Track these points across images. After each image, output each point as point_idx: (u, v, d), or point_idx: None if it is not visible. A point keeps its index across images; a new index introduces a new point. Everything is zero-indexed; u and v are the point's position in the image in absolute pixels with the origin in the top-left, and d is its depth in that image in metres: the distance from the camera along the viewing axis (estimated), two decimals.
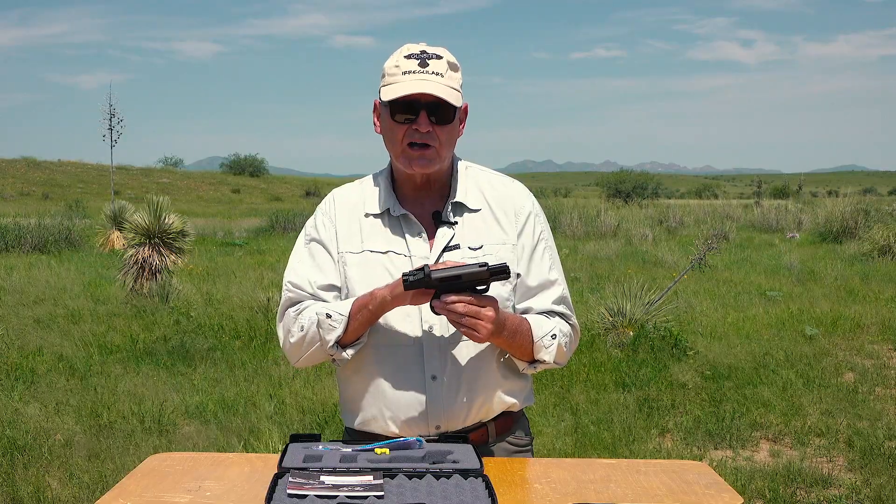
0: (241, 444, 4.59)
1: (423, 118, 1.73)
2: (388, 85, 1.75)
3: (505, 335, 1.74)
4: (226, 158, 66.12)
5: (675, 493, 1.59)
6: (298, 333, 1.80)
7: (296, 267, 1.88)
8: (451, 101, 1.72)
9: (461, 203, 1.85)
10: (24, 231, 15.14)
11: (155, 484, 1.63)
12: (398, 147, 1.78)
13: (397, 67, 1.75)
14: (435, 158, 1.77)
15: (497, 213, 1.86)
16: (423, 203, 1.85)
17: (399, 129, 1.76)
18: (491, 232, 1.83)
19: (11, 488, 3.95)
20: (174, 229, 9.33)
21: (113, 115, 21.14)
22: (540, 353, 1.81)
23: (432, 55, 1.75)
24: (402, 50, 1.78)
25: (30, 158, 54.09)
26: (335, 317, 1.74)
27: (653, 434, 4.90)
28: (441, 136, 1.76)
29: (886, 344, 7.18)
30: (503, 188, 1.90)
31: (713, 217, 22.20)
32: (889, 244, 13.55)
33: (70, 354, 6.62)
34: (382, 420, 1.81)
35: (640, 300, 7.11)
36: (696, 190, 77.41)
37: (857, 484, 4.08)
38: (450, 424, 1.80)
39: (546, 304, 1.86)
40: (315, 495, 1.48)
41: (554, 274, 1.89)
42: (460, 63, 1.80)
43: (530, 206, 1.89)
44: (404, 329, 1.78)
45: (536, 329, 1.80)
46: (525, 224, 1.87)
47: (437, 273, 1.64)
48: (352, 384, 1.86)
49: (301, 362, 1.85)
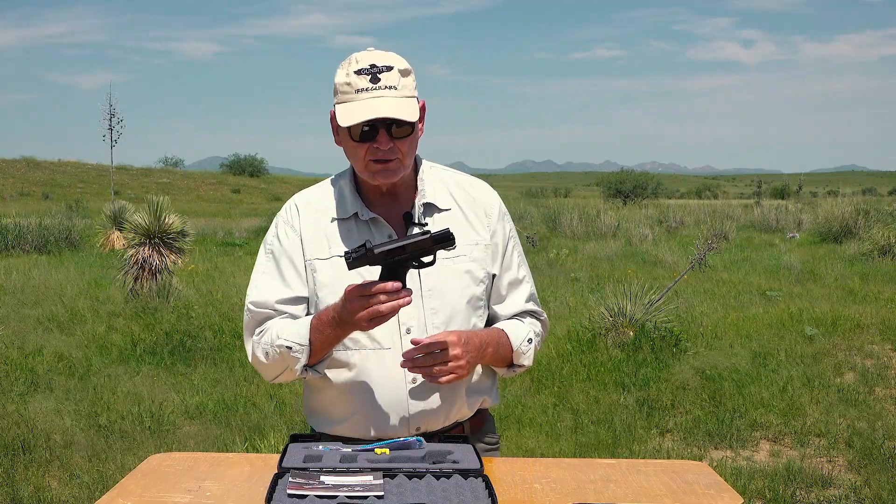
0: (242, 444, 4.59)
1: (383, 136, 1.71)
2: (343, 104, 1.71)
3: (489, 356, 1.79)
4: (226, 158, 66.12)
5: (675, 493, 1.59)
6: (263, 359, 1.79)
7: (258, 283, 1.84)
8: (407, 118, 1.69)
9: (431, 204, 1.84)
10: (24, 231, 15.13)
11: (155, 484, 1.63)
12: (361, 163, 1.76)
13: (349, 85, 1.70)
14: (398, 169, 1.76)
15: (467, 213, 1.86)
16: (391, 205, 1.83)
17: (360, 147, 1.73)
18: (463, 232, 1.82)
19: (11, 488, 3.95)
20: (174, 229, 9.32)
21: (113, 115, 21.11)
22: (520, 360, 1.85)
23: (382, 68, 1.70)
24: (350, 62, 1.73)
25: (30, 158, 54.08)
26: (296, 348, 1.72)
27: (653, 434, 4.90)
28: (403, 148, 1.74)
29: (886, 344, 7.18)
30: (471, 188, 1.90)
31: (713, 217, 22.17)
32: (889, 244, 13.54)
33: (70, 354, 6.62)
34: (361, 424, 1.80)
35: (641, 300, 7.10)
36: (696, 190, 77.42)
37: (857, 484, 4.08)
38: (430, 425, 1.80)
39: (520, 304, 1.90)
40: (315, 495, 1.48)
41: (522, 271, 1.93)
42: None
43: (498, 205, 1.91)
44: (382, 332, 1.76)
45: (514, 338, 1.84)
46: (497, 224, 1.88)
47: (380, 247, 1.60)
48: (327, 389, 1.83)
49: (275, 381, 1.84)
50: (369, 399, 1.78)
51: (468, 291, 1.82)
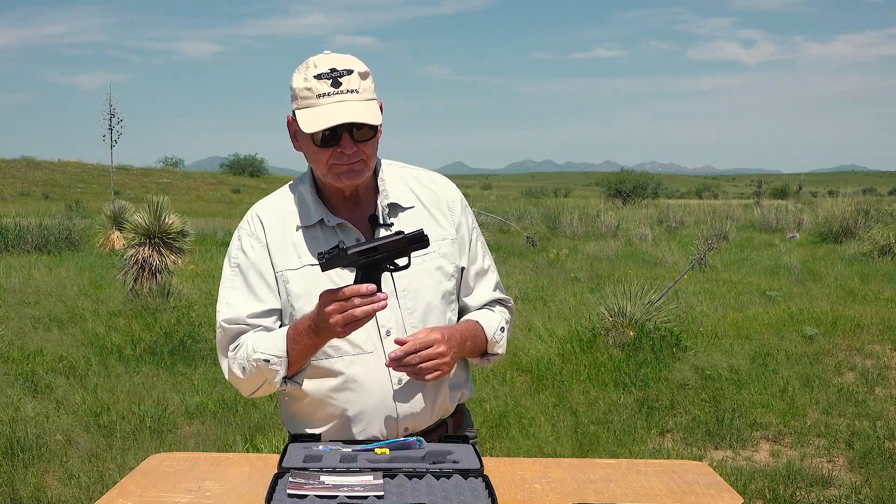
0: (242, 444, 4.59)
1: (347, 140, 1.69)
2: (304, 109, 1.69)
3: (468, 349, 1.82)
4: (226, 158, 66.11)
5: (676, 494, 1.59)
6: (240, 374, 1.77)
7: (228, 299, 1.82)
8: (371, 122, 1.68)
9: (395, 203, 1.83)
10: (24, 231, 15.12)
11: (155, 484, 1.64)
12: (323, 168, 1.74)
13: (309, 91, 1.68)
14: (363, 170, 1.75)
15: (431, 209, 1.86)
16: (354, 209, 1.82)
17: (323, 153, 1.71)
18: (430, 229, 1.81)
19: (11, 488, 3.95)
20: (174, 229, 9.32)
21: (113, 115, 21.11)
22: (494, 349, 1.88)
23: (343, 71, 1.68)
24: (308, 66, 1.71)
25: (30, 158, 54.04)
26: (273, 361, 1.71)
27: (653, 434, 4.90)
28: (367, 151, 1.73)
29: (886, 344, 7.18)
30: (431, 184, 1.90)
31: (713, 217, 22.17)
32: (889, 244, 13.54)
33: (70, 354, 6.61)
34: (346, 429, 1.79)
35: (641, 300, 7.11)
36: (696, 190, 77.46)
37: (857, 484, 4.07)
38: (417, 425, 1.81)
39: (488, 294, 1.93)
40: (315, 495, 1.48)
41: (487, 261, 1.95)
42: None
43: (460, 199, 1.92)
44: (362, 337, 1.75)
45: (488, 329, 1.86)
46: (461, 217, 1.89)
47: (354, 248, 1.61)
48: (308, 397, 1.81)
49: (253, 395, 1.83)
50: (356, 404, 1.78)
51: (441, 287, 1.83)
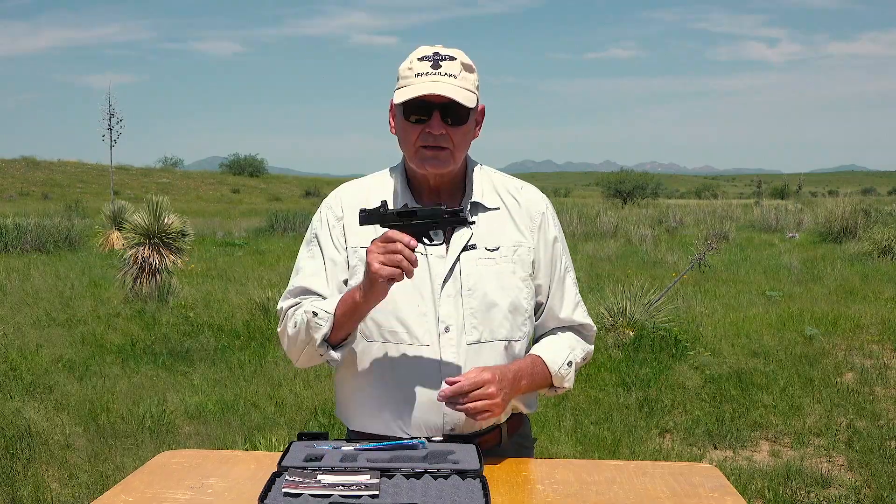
0: (243, 444, 4.58)
1: (437, 119, 1.71)
2: (402, 87, 1.73)
3: (523, 388, 1.77)
4: (225, 158, 66.09)
5: (679, 496, 1.58)
6: (292, 330, 1.78)
7: (299, 266, 1.87)
8: (462, 101, 1.70)
9: (479, 203, 1.83)
10: (23, 231, 15.12)
11: (159, 480, 1.64)
12: (412, 148, 1.76)
13: (410, 70, 1.73)
14: (449, 160, 1.75)
15: (514, 215, 1.85)
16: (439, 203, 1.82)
17: (413, 130, 1.74)
18: (508, 234, 1.81)
19: (11, 488, 3.94)
20: (174, 229, 9.32)
21: (112, 115, 21.13)
22: (560, 383, 1.84)
23: (445, 57, 1.74)
24: (416, 52, 1.77)
25: (30, 158, 54.01)
26: (321, 314, 1.72)
27: (653, 434, 4.90)
28: (454, 138, 1.73)
29: (886, 344, 7.18)
30: (519, 191, 1.89)
31: (713, 217, 22.20)
32: (889, 244, 13.55)
33: (70, 354, 6.62)
34: (394, 423, 1.78)
35: (640, 300, 7.11)
36: (696, 190, 77.49)
37: (857, 484, 4.07)
38: (465, 427, 1.79)
39: (566, 315, 1.89)
40: (309, 494, 1.48)
41: (568, 281, 1.90)
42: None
43: (544, 209, 1.89)
44: (420, 330, 1.76)
45: (551, 364, 1.81)
46: (540, 227, 1.86)
47: (394, 210, 1.67)
48: (358, 386, 1.82)
49: (300, 362, 1.83)
50: (404, 398, 1.77)
51: (508, 294, 1.79)
